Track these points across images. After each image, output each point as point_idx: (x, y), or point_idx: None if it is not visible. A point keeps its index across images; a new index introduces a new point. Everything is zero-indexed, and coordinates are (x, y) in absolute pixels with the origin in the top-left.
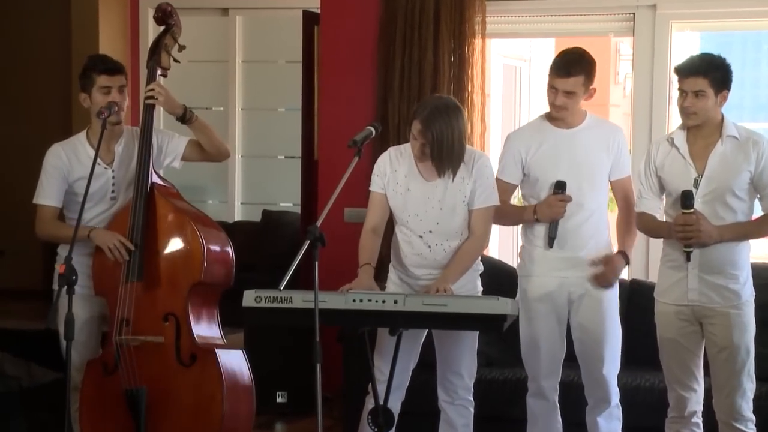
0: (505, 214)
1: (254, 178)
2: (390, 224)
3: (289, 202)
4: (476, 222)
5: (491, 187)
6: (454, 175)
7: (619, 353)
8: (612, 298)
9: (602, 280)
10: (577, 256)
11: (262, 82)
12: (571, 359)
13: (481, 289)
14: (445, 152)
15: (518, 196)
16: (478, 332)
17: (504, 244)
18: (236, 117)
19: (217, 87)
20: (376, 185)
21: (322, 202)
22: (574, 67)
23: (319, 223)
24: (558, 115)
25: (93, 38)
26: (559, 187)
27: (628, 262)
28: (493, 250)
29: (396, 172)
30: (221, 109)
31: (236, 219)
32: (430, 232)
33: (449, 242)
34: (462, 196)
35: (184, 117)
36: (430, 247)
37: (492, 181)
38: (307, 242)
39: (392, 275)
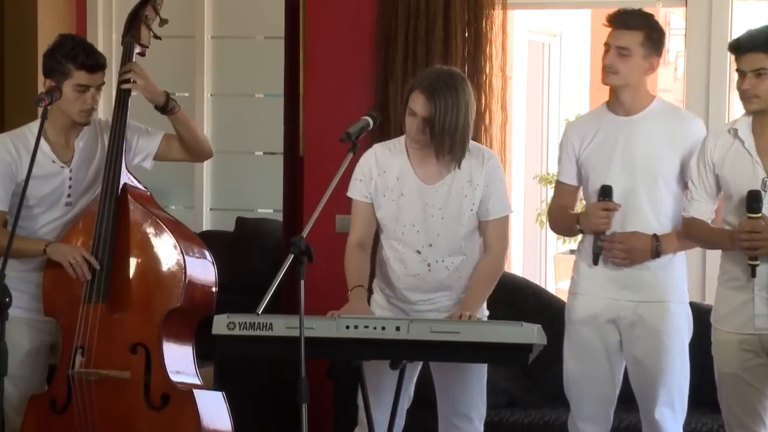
0: (557, 224)
1: (226, 178)
2: (374, 237)
3: (269, 207)
4: (493, 236)
5: (504, 192)
6: (458, 164)
7: (685, 395)
8: (674, 326)
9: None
10: (628, 274)
11: (235, 63)
12: (628, 400)
13: (487, 313)
14: (449, 130)
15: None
16: (486, 364)
17: (528, 259)
18: (204, 104)
19: (180, 68)
20: (358, 192)
21: (309, 208)
22: (633, 18)
23: (305, 234)
24: (608, 81)
25: (28, 3)
26: (604, 193)
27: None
28: (516, 265)
29: (385, 174)
30: (185, 95)
31: (204, 228)
32: (430, 245)
33: (452, 258)
34: (470, 202)
35: (167, 106)
36: (429, 265)
37: (504, 185)
38: (291, 257)
39: (378, 297)
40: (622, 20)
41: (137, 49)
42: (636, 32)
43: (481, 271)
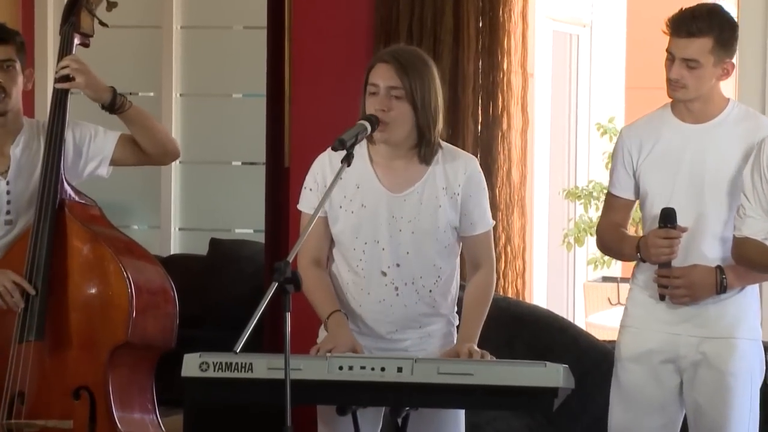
0: (605, 243)
1: (198, 193)
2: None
3: (248, 227)
4: (482, 251)
5: (487, 202)
6: (427, 162)
7: None
8: (744, 367)
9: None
10: (695, 305)
11: (209, 57)
12: None
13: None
14: (427, 107)
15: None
16: (463, 411)
17: (554, 288)
18: (172, 106)
19: (145, 63)
20: (308, 203)
21: (296, 228)
22: (698, 24)
23: (291, 258)
24: (675, 96)
25: None
26: (666, 218)
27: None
28: (539, 295)
29: (342, 182)
30: (150, 95)
31: (172, 251)
32: (398, 266)
33: (424, 282)
34: (445, 214)
35: (114, 104)
36: (397, 288)
37: (487, 194)
38: (274, 285)
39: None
40: (685, 28)
41: (77, 40)
42: (704, 39)
43: (475, 294)
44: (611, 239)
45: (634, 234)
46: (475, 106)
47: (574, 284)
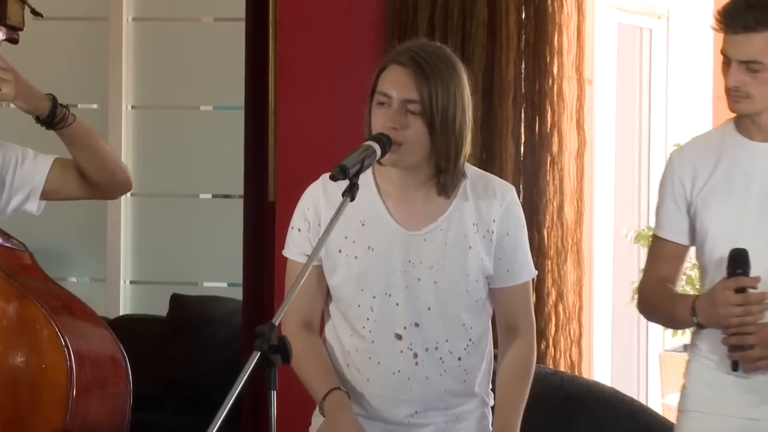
0: (650, 306)
1: (155, 235)
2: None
3: (221, 279)
4: (520, 309)
5: (527, 245)
6: (448, 192)
7: None
8: None
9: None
10: None
11: (169, 58)
12: None
13: None
14: (451, 124)
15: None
16: None
17: (620, 359)
18: (121, 122)
19: (85, 65)
20: (297, 248)
21: (283, 281)
22: (756, 13)
23: (278, 319)
24: (737, 108)
25: None
26: (737, 261)
27: None
28: (601, 368)
29: (341, 218)
30: (93, 108)
31: (121, 311)
32: (416, 326)
33: (451, 346)
34: (477, 257)
35: (53, 117)
36: (416, 356)
37: (526, 233)
38: (256, 355)
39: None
40: (740, 21)
41: (2, 35)
42: (765, 34)
43: (514, 367)
44: (658, 299)
45: (686, 292)
46: (517, 122)
47: (646, 354)
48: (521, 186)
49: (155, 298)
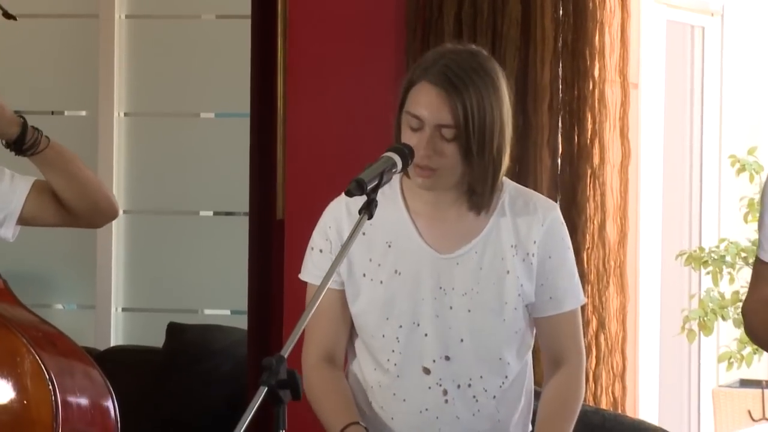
0: (758, 330)
1: (150, 257)
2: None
3: (223, 307)
4: (567, 339)
5: (574, 269)
6: (487, 208)
7: None
8: None
9: None
10: None
11: (166, 60)
12: None
13: None
14: (489, 143)
15: None
16: None
17: (669, 395)
18: (113, 131)
19: (74, 69)
20: (318, 271)
21: (293, 306)
22: None
23: (287, 351)
24: None
25: None
26: None
27: None
28: (647, 405)
29: (366, 239)
30: (82, 115)
31: (112, 342)
32: (447, 359)
33: (485, 383)
34: (516, 282)
35: (23, 141)
36: (446, 392)
37: (573, 255)
38: (263, 391)
39: None
40: None
41: None
42: None
43: (557, 403)
44: (759, 319)
45: None
46: (553, 132)
47: (698, 390)
48: (558, 202)
49: (150, 327)
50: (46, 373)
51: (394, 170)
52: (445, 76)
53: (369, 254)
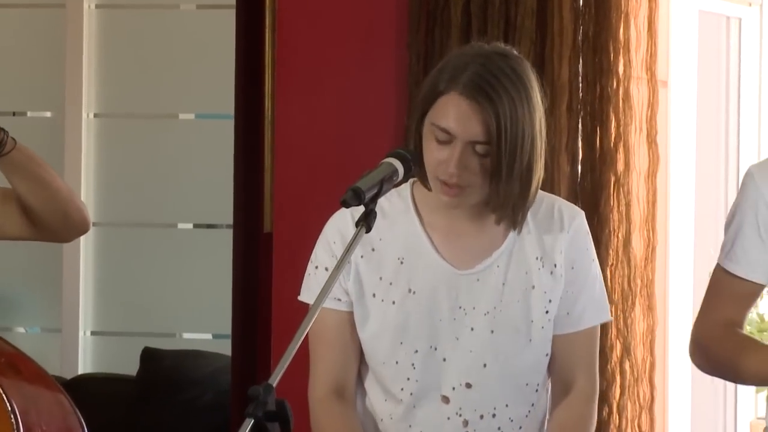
0: (716, 354)
1: (122, 275)
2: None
3: (204, 330)
4: (578, 360)
5: (598, 282)
6: (517, 226)
7: None
8: None
9: None
10: None
11: (141, 55)
12: None
13: None
14: (520, 158)
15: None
16: None
17: (702, 426)
18: (82, 133)
19: (38, 66)
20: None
21: (282, 333)
22: None
23: (276, 380)
24: None
25: None
26: None
27: None
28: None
29: (375, 255)
30: (47, 116)
31: (81, 370)
32: (468, 387)
33: (511, 412)
34: (543, 298)
35: None
36: (466, 423)
37: (598, 265)
38: (249, 423)
39: None
40: None
41: None
42: None
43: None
44: (726, 348)
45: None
46: (573, 135)
47: (735, 423)
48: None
49: (123, 352)
50: (7, 403)
51: (395, 178)
52: (477, 86)
53: (379, 272)
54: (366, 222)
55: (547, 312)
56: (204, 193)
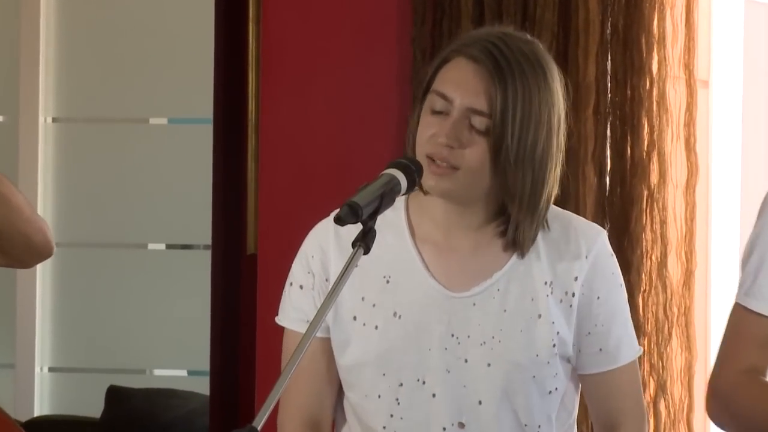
0: (739, 406)
1: (85, 302)
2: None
3: (178, 366)
4: (623, 400)
5: (627, 311)
6: (522, 250)
7: None
8: None
9: None
10: None
11: (104, 52)
12: None
13: None
14: (531, 150)
15: None
16: None
17: None
18: (39, 139)
19: None
20: (297, 313)
21: (267, 368)
22: None
23: (260, 423)
24: None
25: None
26: None
27: None
28: None
29: (356, 272)
30: None
31: (37, 411)
32: (461, 426)
33: None
34: (550, 332)
35: None
36: None
37: (625, 294)
38: None
39: None
40: None
41: None
42: None
43: None
44: (749, 398)
45: None
46: (600, 142)
47: None
48: (606, 231)
49: (85, 391)
50: None
51: (397, 191)
52: (489, 53)
53: (361, 292)
54: (364, 242)
55: (554, 345)
56: (178, 208)
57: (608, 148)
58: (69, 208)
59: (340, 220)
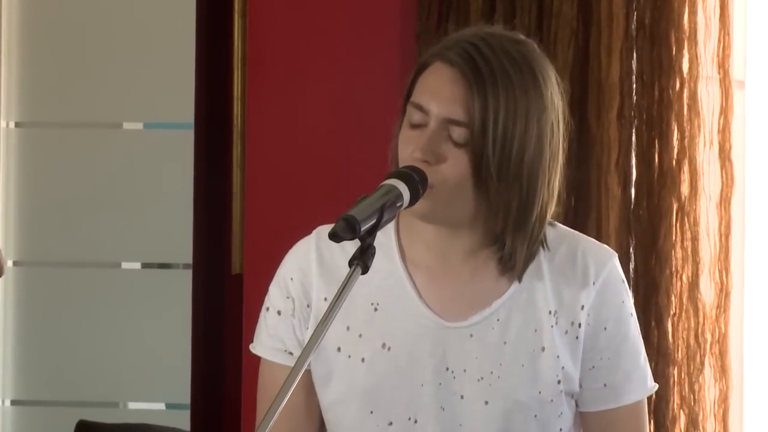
0: None
1: (52, 328)
2: None
3: (157, 399)
4: None
5: (639, 344)
6: (518, 274)
7: None
8: None
9: None
10: None
11: (74, 47)
12: None
13: None
14: (499, 172)
15: None
16: None
17: None
18: (0, 145)
19: None
20: (274, 341)
21: (254, 399)
22: None
23: None
24: None
25: None
26: None
27: None
28: None
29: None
30: None
31: None
32: None
33: None
34: (554, 367)
35: None
36: None
37: (637, 324)
38: None
39: None
40: None
41: None
42: None
43: None
44: None
45: None
46: (625, 150)
47: None
48: (631, 249)
49: (52, 427)
50: None
51: (399, 204)
52: (468, 55)
53: (346, 321)
54: (362, 261)
55: (559, 382)
56: (155, 223)
57: (633, 156)
58: (33, 222)
59: (335, 236)
